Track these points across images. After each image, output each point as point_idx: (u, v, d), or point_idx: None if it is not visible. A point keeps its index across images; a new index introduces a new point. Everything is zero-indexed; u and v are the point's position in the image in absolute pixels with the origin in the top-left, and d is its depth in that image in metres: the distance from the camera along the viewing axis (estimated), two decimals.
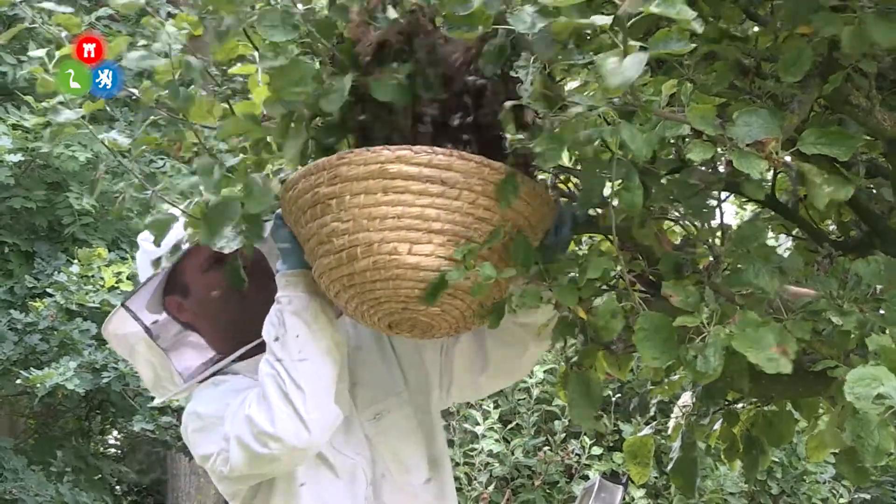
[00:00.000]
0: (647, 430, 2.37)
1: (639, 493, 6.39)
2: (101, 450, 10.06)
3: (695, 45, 1.50)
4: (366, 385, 2.20)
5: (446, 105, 1.79)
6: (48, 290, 6.79)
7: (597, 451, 6.58)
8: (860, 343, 1.69)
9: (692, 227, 1.84)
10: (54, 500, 7.09)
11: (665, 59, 1.74)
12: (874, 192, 2.06)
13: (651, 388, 2.40)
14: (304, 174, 1.82)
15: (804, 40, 1.71)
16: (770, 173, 1.97)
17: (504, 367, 2.20)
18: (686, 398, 2.34)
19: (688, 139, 1.65)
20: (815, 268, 1.87)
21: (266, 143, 1.93)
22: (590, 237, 2.19)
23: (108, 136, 1.97)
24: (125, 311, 2.18)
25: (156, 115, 1.93)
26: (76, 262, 6.73)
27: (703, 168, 1.77)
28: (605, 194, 1.73)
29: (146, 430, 7.00)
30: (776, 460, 6.57)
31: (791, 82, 1.70)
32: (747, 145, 1.57)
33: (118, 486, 9.67)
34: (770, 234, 2.22)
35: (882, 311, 1.69)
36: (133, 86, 2.00)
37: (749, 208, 2.44)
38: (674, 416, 2.35)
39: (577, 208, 1.92)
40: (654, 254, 1.80)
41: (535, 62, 1.61)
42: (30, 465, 7.33)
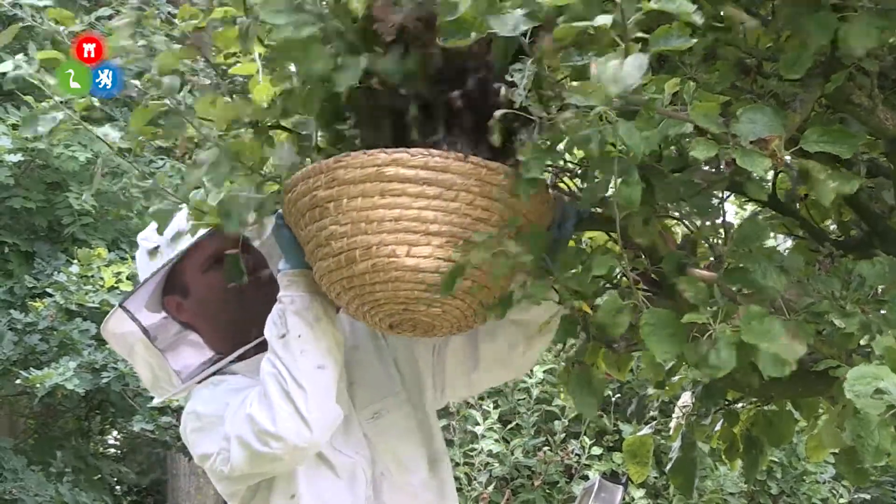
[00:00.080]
0: (646, 430, 2.37)
1: (638, 493, 6.39)
2: (100, 450, 10.05)
3: (695, 40, 1.49)
4: (363, 385, 2.20)
5: (450, 100, 1.79)
6: (48, 290, 6.79)
7: (596, 451, 6.58)
8: (861, 343, 1.69)
9: (694, 226, 1.84)
10: (54, 501, 7.09)
11: (667, 58, 1.74)
12: (875, 191, 2.06)
13: (650, 394, 2.40)
14: (303, 177, 1.82)
15: (805, 39, 1.70)
16: (771, 173, 1.97)
17: (496, 365, 2.19)
18: (686, 398, 2.34)
19: (689, 138, 1.65)
20: (816, 267, 1.87)
21: (268, 138, 1.93)
22: (590, 236, 2.19)
23: (103, 130, 1.96)
24: (123, 312, 2.18)
25: (156, 109, 1.92)
26: (76, 262, 6.73)
27: (706, 167, 1.76)
28: (608, 192, 1.72)
29: (146, 430, 7.00)
30: (776, 460, 6.57)
31: (793, 80, 1.70)
32: (751, 143, 1.57)
33: (118, 487, 9.67)
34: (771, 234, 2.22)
35: (884, 312, 1.69)
36: (133, 86, 1.99)
37: (749, 207, 2.44)
38: (675, 416, 2.35)
39: (580, 205, 1.92)
40: (658, 252, 1.79)
41: (532, 64, 1.60)
42: (29, 465, 7.33)
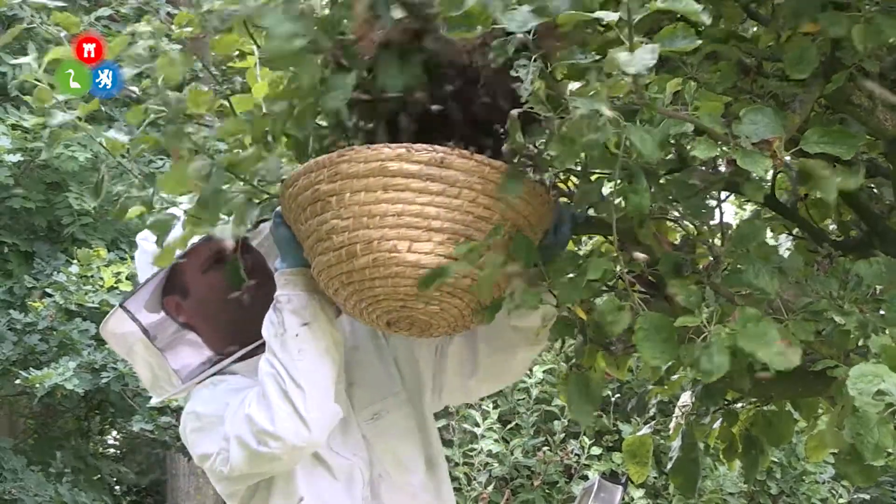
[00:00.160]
0: (645, 430, 2.37)
1: (638, 493, 6.39)
2: (100, 450, 10.04)
3: (700, 41, 1.49)
4: (363, 385, 2.20)
5: (450, 101, 1.79)
6: (47, 290, 6.79)
7: (596, 451, 6.58)
8: (859, 343, 1.69)
9: (691, 227, 1.84)
10: (53, 501, 7.09)
11: (668, 58, 1.74)
12: (874, 191, 2.07)
13: (650, 389, 2.40)
14: (305, 171, 1.81)
15: (807, 39, 1.71)
16: (769, 173, 1.97)
17: (494, 371, 2.19)
18: (686, 398, 2.34)
19: (689, 138, 1.65)
20: (815, 268, 1.87)
21: (265, 143, 1.93)
22: (588, 237, 2.19)
23: (106, 134, 1.96)
24: (123, 312, 2.18)
25: (154, 115, 1.92)
26: (75, 262, 6.73)
27: (703, 168, 1.76)
28: (605, 194, 1.72)
29: (145, 430, 7.00)
30: (775, 460, 6.57)
31: (797, 80, 1.70)
32: (753, 144, 1.57)
33: (117, 487, 9.66)
34: (770, 234, 2.22)
35: (882, 312, 1.69)
36: (133, 85, 1.99)
37: (748, 208, 2.44)
38: (674, 416, 2.35)
39: (575, 208, 1.92)
40: (654, 254, 1.79)
41: (535, 61, 1.60)
42: (29, 465, 7.33)
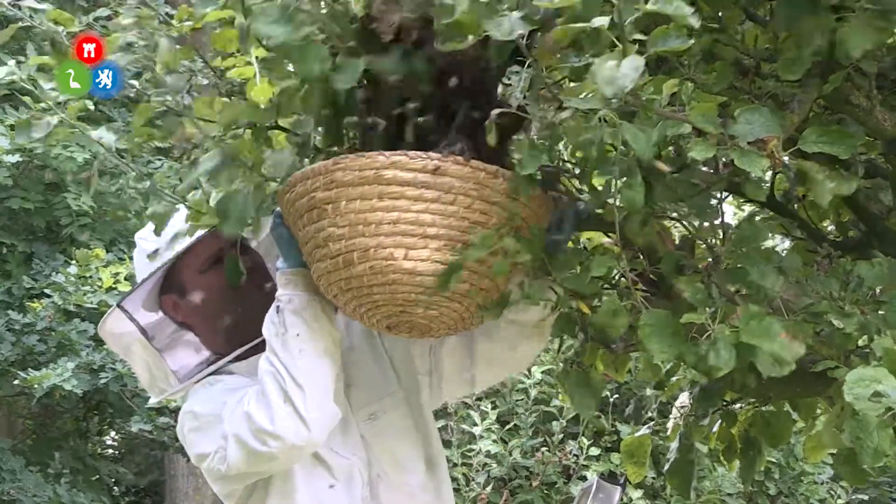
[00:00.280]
0: (644, 431, 2.37)
1: (636, 494, 6.39)
2: (98, 450, 10.04)
3: (693, 41, 1.49)
4: (360, 386, 2.20)
5: (449, 102, 1.79)
6: (46, 290, 6.79)
7: (594, 451, 6.58)
8: (859, 344, 1.69)
9: (693, 227, 1.84)
10: (52, 501, 7.09)
11: (665, 58, 1.74)
12: (873, 192, 2.06)
13: (648, 395, 2.40)
14: (301, 178, 1.82)
15: (804, 43, 1.70)
16: (769, 173, 1.97)
17: (492, 365, 2.20)
18: (684, 399, 2.34)
19: (688, 138, 1.65)
20: (814, 268, 1.87)
21: (266, 138, 1.93)
22: (588, 237, 2.19)
23: (101, 133, 1.95)
24: (120, 312, 2.18)
25: (156, 108, 1.92)
26: (74, 262, 6.73)
27: (705, 168, 1.76)
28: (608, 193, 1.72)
29: (144, 430, 7.00)
30: (774, 461, 6.57)
31: (791, 81, 1.70)
32: (749, 143, 1.57)
33: (116, 487, 9.67)
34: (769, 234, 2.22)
35: (882, 313, 1.69)
36: (132, 85, 1.99)
37: (747, 208, 2.44)
38: (672, 416, 2.35)
39: (579, 206, 1.92)
40: (656, 252, 1.79)
41: (529, 67, 1.60)
42: (28, 465, 7.33)
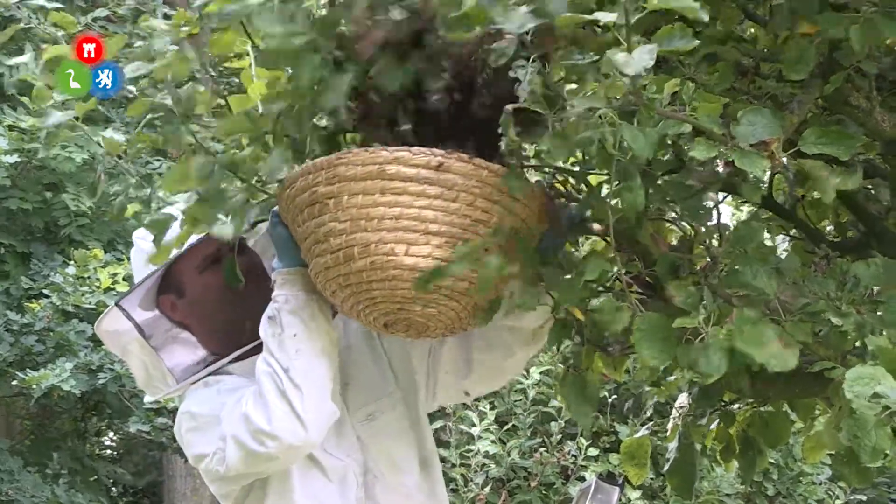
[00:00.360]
0: (643, 431, 2.37)
1: (635, 495, 6.39)
2: (96, 451, 10.02)
3: (698, 42, 1.49)
4: (357, 386, 2.19)
5: (448, 102, 1.79)
6: (44, 291, 6.78)
7: (593, 452, 6.58)
8: (857, 344, 1.69)
9: (689, 228, 1.84)
10: (50, 502, 7.07)
11: (666, 59, 1.74)
12: (872, 192, 2.07)
13: (647, 391, 2.40)
14: (302, 173, 1.81)
15: (805, 40, 1.71)
16: (766, 174, 1.97)
17: (489, 372, 2.19)
18: (683, 399, 2.33)
19: (687, 139, 1.65)
20: (812, 268, 1.87)
21: (263, 143, 1.93)
22: (585, 239, 2.18)
23: (104, 134, 1.96)
24: (118, 311, 2.17)
25: (152, 114, 1.92)
26: (72, 263, 6.72)
27: (701, 169, 1.76)
28: (603, 195, 1.72)
29: (142, 431, 6.99)
30: (772, 461, 6.56)
31: (795, 81, 1.70)
32: (750, 145, 1.57)
33: (114, 488, 9.64)
34: (767, 235, 2.22)
35: (880, 313, 1.69)
36: (130, 86, 1.99)
37: (746, 209, 2.44)
38: (671, 417, 2.34)
39: (574, 209, 1.92)
40: (651, 255, 1.79)
41: (534, 62, 1.60)
42: (26, 466, 7.31)
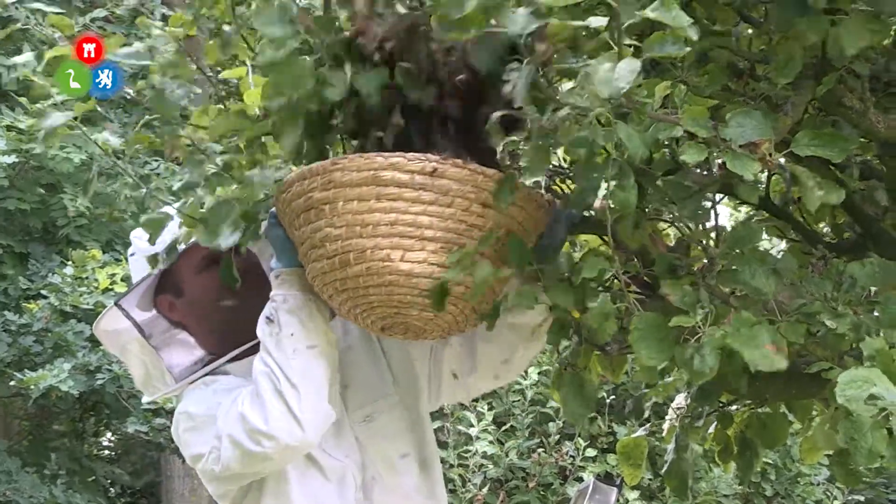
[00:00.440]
0: (640, 432, 2.37)
1: (633, 495, 6.39)
2: (94, 452, 10.01)
3: (689, 49, 1.50)
4: (356, 387, 2.19)
5: (441, 107, 1.79)
6: (42, 291, 6.78)
7: (591, 452, 6.59)
8: (854, 345, 1.69)
9: (686, 229, 1.84)
10: (48, 502, 7.07)
11: (659, 62, 1.74)
12: (868, 193, 2.07)
13: (646, 392, 2.40)
14: (298, 178, 1.81)
15: (794, 42, 1.71)
16: (764, 175, 1.97)
17: (492, 369, 2.19)
18: (680, 400, 2.33)
19: (682, 141, 1.65)
20: (809, 269, 1.87)
21: (261, 144, 1.93)
22: (583, 239, 2.19)
23: (100, 136, 1.96)
24: (117, 310, 2.18)
25: (150, 115, 1.92)
26: (70, 263, 6.72)
27: (698, 170, 1.77)
28: (600, 195, 1.72)
29: (140, 431, 6.99)
30: (770, 462, 6.57)
31: (784, 83, 1.70)
32: (741, 146, 1.57)
33: (112, 488, 9.65)
34: (764, 236, 2.22)
35: (876, 314, 1.69)
36: (129, 86, 1.99)
37: (743, 210, 2.44)
38: (668, 417, 2.34)
39: (571, 209, 1.92)
40: (649, 255, 1.79)
41: (527, 65, 1.60)
42: (24, 466, 7.31)
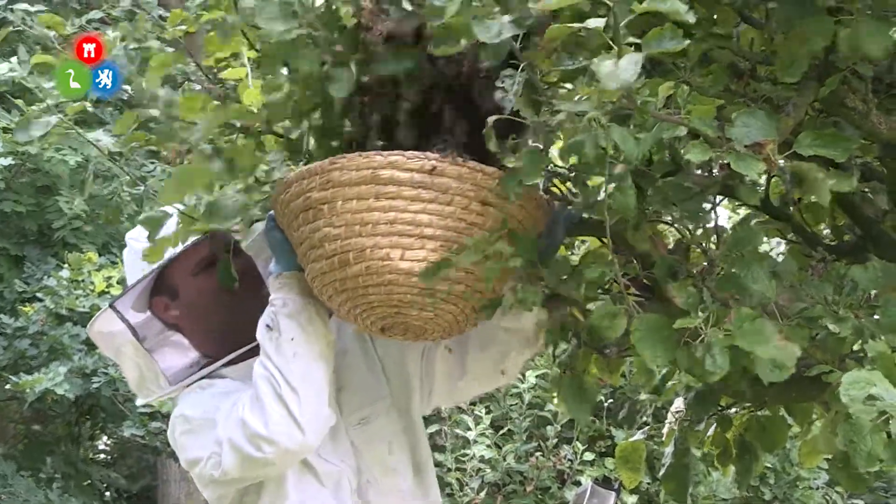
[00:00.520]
0: (639, 436, 2.37)
1: (632, 499, 6.38)
2: (90, 455, 10.00)
3: (688, 41, 1.49)
4: (351, 390, 2.19)
5: (443, 104, 1.78)
6: (38, 294, 6.78)
7: (589, 456, 6.58)
8: (855, 348, 1.68)
9: (686, 231, 1.83)
10: None
11: (661, 62, 1.73)
12: (868, 195, 2.06)
13: (642, 399, 2.40)
14: (297, 178, 1.81)
15: (798, 43, 1.70)
16: (764, 177, 1.97)
17: (484, 373, 2.18)
18: (679, 403, 2.33)
19: (683, 142, 1.65)
20: (809, 272, 1.86)
21: (259, 143, 1.92)
22: (582, 241, 2.18)
23: (95, 136, 1.95)
24: (112, 312, 2.17)
25: (146, 115, 1.91)
26: (66, 266, 6.72)
27: (699, 171, 1.76)
28: (600, 197, 1.71)
29: (136, 435, 7.00)
30: (769, 466, 6.57)
31: (788, 84, 1.70)
32: (745, 147, 1.56)
33: (108, 492, 9.63)
34: (764, 239, 2.22)
35: (877, 317, 1.68)
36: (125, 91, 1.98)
37: (742, 212, 2.44)
38: (667, 421, 2.34)
39: (571, 210, 1.91)
40: (649, 257, 1.79)
41: (523, 70, 1.59)
42: (19, 470, 7.31)
